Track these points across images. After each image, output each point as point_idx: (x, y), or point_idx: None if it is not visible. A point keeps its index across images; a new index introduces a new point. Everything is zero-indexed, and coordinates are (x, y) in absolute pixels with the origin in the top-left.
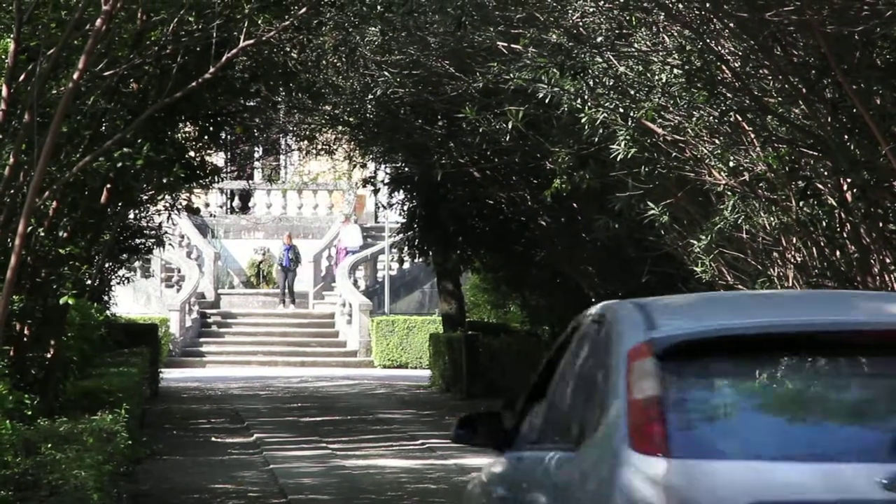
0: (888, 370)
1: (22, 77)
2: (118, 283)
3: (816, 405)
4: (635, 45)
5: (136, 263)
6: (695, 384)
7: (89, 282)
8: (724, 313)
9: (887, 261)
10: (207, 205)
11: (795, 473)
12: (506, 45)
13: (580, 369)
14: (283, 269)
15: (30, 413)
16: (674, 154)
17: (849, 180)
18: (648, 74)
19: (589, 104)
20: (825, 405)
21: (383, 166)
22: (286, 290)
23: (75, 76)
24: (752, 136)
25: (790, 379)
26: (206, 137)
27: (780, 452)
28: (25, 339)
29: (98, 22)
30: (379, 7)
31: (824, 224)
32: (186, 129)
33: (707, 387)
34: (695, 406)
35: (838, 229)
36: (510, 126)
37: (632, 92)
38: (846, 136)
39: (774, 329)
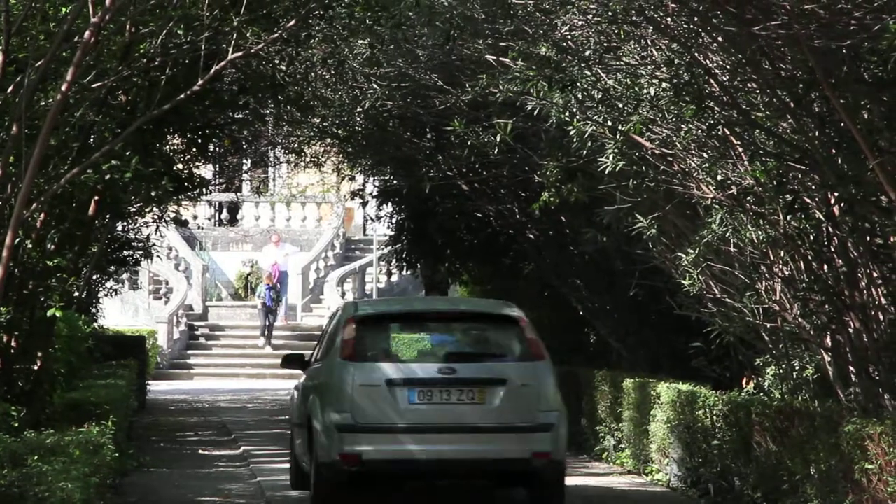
0: (449, 329)
1: (10, 88)
2: (106, 295)
3: (420, 341)
4: (624, 58)
5: (124, 275)
6: (369, 333)
7: (77, 294)
8: (387, 305)
9: (874, 275)
10: (195, 217)
11: (405, 367)
12: (494, 58)
13: (331, 329)
14: (264, 308)
15: (16, 425)
16: (662, 167)
17: (836, 194)
18: (637, 88)
19: (577, 117)
20: (423, 341)
21: (372, 179)
22: (266, 330)
23: (63, 88)
24: (740, 149)
25: (409, 331)
26: (194, 150)
27: (399, 359)
28: (12, 350)
29: (87, 34)
30: (368, 20)
31: (812, 238)
32: (175, 142)
33: (374, 334)
34: (367, 341)
35: (826, 243)
36: (498, 139)
37: (620, 105)
38: (834, 150)
39: (405, 310)
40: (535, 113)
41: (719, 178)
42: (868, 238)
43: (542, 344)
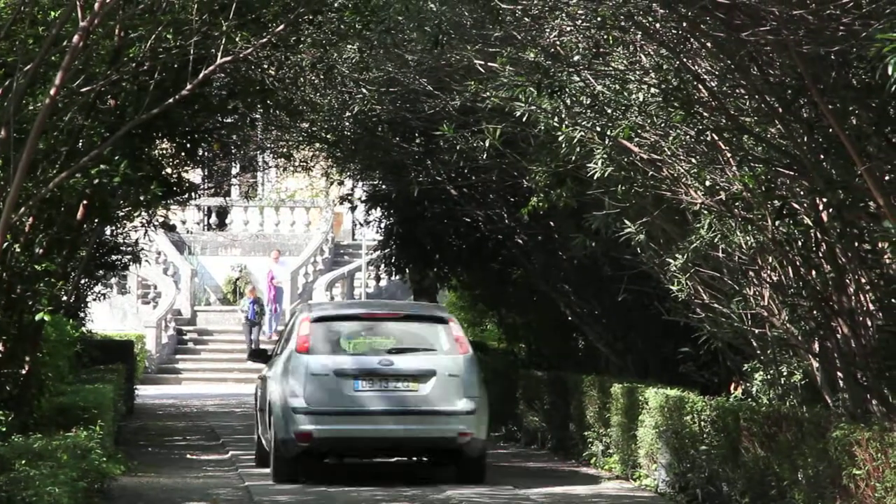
0: (389, 328)
1: None
2: (94, 300)
3: (364, 337)
4: (612, 64)
5: (113, 280)
6: (320, 330)
7: (65, 298)
8: (337, 307)
9: (862, 280)
10: (184, 221)
11: (351, 359)
12: (483, 63)
13: (289, 327)
14: (248, 322)
15: (4, 429)
16: (650, 173)
17: (824, 200)
18: (625, 93)
19: (566, 123)
20: (365, 337)
21: (360, 183)
22: (253, 345)
23: (52, 92)
24: (729, 155)
25: (355, 329)
26: (183, 154)
27: (345, 353)
28: (0, 355)
29: (75, 38)
30: (357, 25)
31: (800, 243)
32: (163, 146)
33: (325, 331)
34: (319, 338)
35: (814, 248)
36: (487, 144)
37: (609, 111)
38: (822, 156)
39: (352, 312)
40: (524, 118)
41: (708, 183)
42: (856, 244)
43: (468, 340)
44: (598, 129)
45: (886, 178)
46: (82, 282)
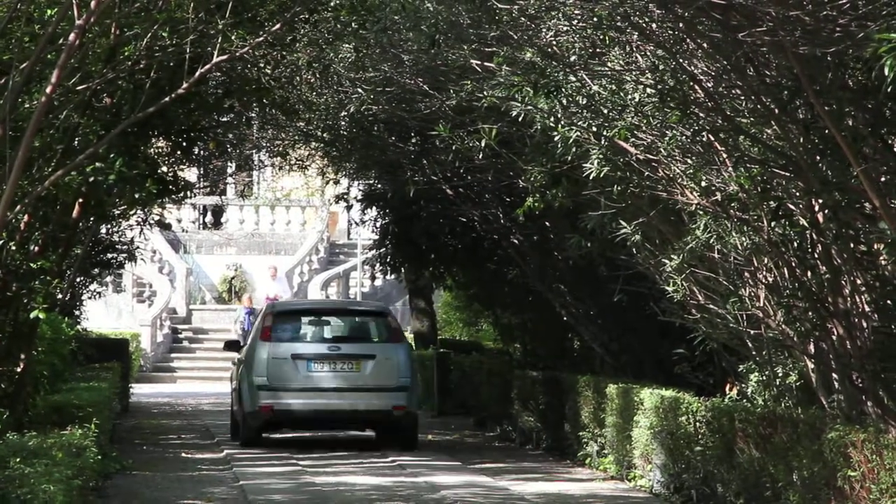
0: (337, 320)
1: None
2: (89, 298)
3: (319, 329)
4: (609, 64)
5: (108, 278)
6: (280, 322)
7: (60, 296)
8: (295, 304)
9: (858, 282)
10: (180, 220)
11: (305, 346)
12: (479, 63)
13: (257, 321)
14: (244, 333)
15: None
16: (646, 173)
17: (820, 201)
18: (621, 94)
19: (562, 123)
20: (319, 328)
21: (356, 183)
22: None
23: (48, 90)
24: (725, 155)
25: (309, 321)
26: (178, 152)
27: (301, 341)
28: None
29: (71, 36)
30: (353, 24)
31: (796, 244)
32: (159, 144)
33: (284, 323)
34: (279, 328)
35: (810, 250)
36: (483, 144)
37: (605, 111)
38: (818, 157)
39: (307, 307)
40: (520, 118)
41: (704, 184)
42: (852, 245)
43: (402, 331)
44: (595, 129)
45: (882, 179)
46: (78, 280)
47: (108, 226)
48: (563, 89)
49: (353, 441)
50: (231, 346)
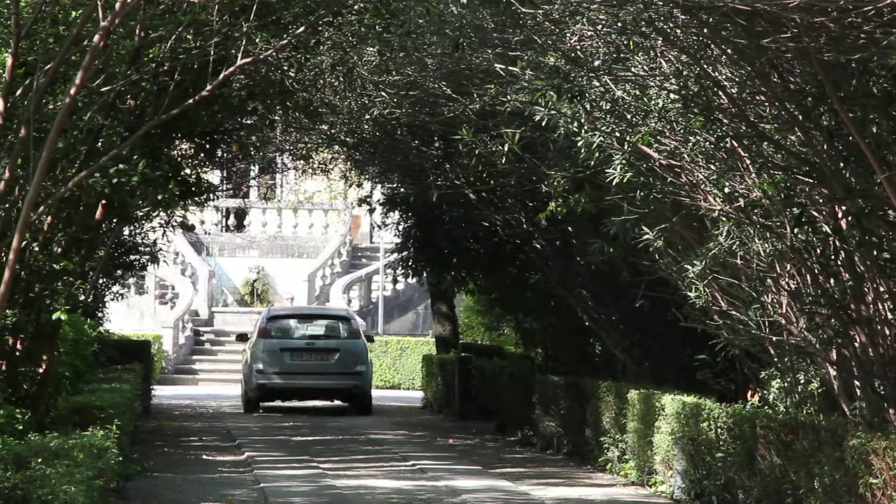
0: (314, 322)
1: (19, 91)
2: (112, 300)
3: (299, 328)
4: (633, 69)
5: (130, 280)
6: (273, 323)
7: (83, 297)
8: (284, 310)
9: (881, 289)
10: (202, 222)
11: (289, 342)
12: (503, 67)
13: (258, 322)
14: None
15: (21, 428)
16: (669, 179)
17: (844, 208)
18: (645, 99)
19: (585, 128)
20: (300, 328)
21: (379, 186)
22: None
23: (72, 91)
24: (748, 162)
25: (294, 323)
26: (202, 155)
27: (287, 338)
28: (18, 353)
29: (96, 38)
30: (377, 27)
31: (819, 251)
32: (183, 146)
33: (275, 324)
34: (272, 328)
35: (832, 257)
36: (506, 148)
37: (628, 116)
38: (842, 164)
39: (293, 312)
40: (544, 123)
41: (727, 190)
42: (875, 252)
43: (360, 330)
44: (618, 134)
45: None
46: (100, 281)
47: (131, 227)
48: (587, 94)
49: (374, 444)
50: (241, 337)
